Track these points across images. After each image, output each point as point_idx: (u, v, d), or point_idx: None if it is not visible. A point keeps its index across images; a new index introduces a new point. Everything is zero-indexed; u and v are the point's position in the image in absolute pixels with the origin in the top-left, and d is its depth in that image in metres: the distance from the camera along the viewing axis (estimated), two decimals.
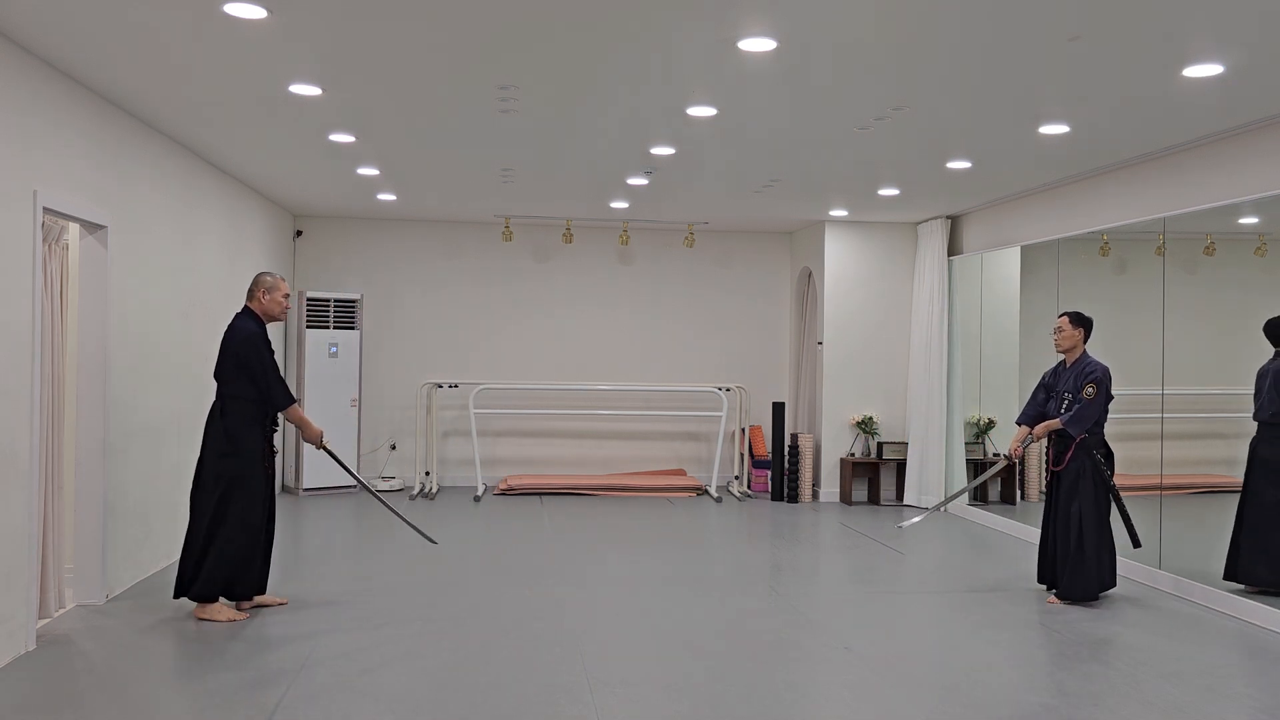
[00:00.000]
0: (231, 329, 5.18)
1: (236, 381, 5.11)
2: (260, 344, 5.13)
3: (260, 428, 5.19)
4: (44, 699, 4.00)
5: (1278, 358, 5.69)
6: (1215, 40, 4.08)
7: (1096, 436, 5.76)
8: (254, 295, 5.27)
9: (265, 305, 5.26)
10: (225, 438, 5.09)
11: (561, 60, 4.50)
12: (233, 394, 5.12)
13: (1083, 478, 5.71)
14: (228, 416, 5.11)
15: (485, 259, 10.18)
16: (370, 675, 4.31)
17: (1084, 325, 5.85)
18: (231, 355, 5.11)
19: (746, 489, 10.01)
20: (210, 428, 5.16)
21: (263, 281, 5.27)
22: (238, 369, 5.10)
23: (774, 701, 4.09)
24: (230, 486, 5.06)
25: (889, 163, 6.69)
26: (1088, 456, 5.71)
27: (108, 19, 4.06)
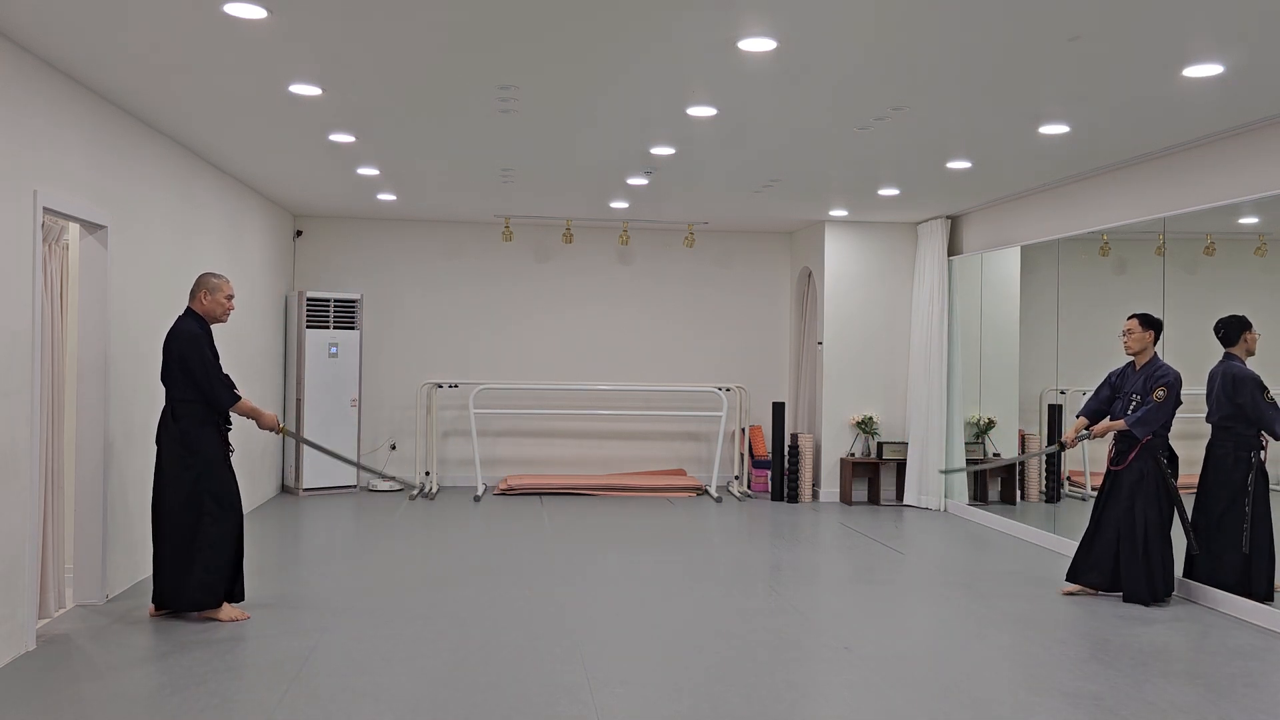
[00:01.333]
0: (173, 331, 5.08)
1: (185, 385, 5.03)
2: (202, 344, 5.04)
3: (215, 428, 5.11)
4: (44, 699, 4.00)
5: (1227, 359, 5.70)
6: (1215, 40, 4.08)
7: (1161, 439, 5.75)
8: (196, 296, 5.17)
9: (207, 306, 5.17)
10: (181, 444, 5.02)
11: (561, 60, 4.50)
12: (182, 397, 5.04)
13: (1145, 480, 5.70)
14: (180, 420, 5.03)
15: (485, 259, 10.18)
16: (370, 675, 4.31)
17: (1154, 328, 5.82)
18: (175, 358, 5.02)
19: (746, 489, 10.01)
20: (164, 435, 5.08)
21: (206, 282, 5.17)
22: (182, 371, 5.02)
23: (774, 701, 4.09)
24: (197, 493, 5.01)
25: (889, 163, 6.69)
26: (1152, 459, 5.70)
27: (108, 19, 4.06)
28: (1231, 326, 5.70)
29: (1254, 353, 5.66)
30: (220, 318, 5.24)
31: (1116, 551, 5.82)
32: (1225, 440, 5.64)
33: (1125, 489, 5.78)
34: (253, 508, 8.41)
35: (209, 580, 5.03)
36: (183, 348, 5.02)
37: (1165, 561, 5.70)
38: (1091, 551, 5.91)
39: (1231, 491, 5.58)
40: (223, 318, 5.26)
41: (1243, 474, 5.54)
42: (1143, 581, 5.68)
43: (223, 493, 5.09)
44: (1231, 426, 5.61)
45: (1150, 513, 5.68)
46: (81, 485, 5.33)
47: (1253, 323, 5.69)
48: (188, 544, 5.01)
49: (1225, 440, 5.64)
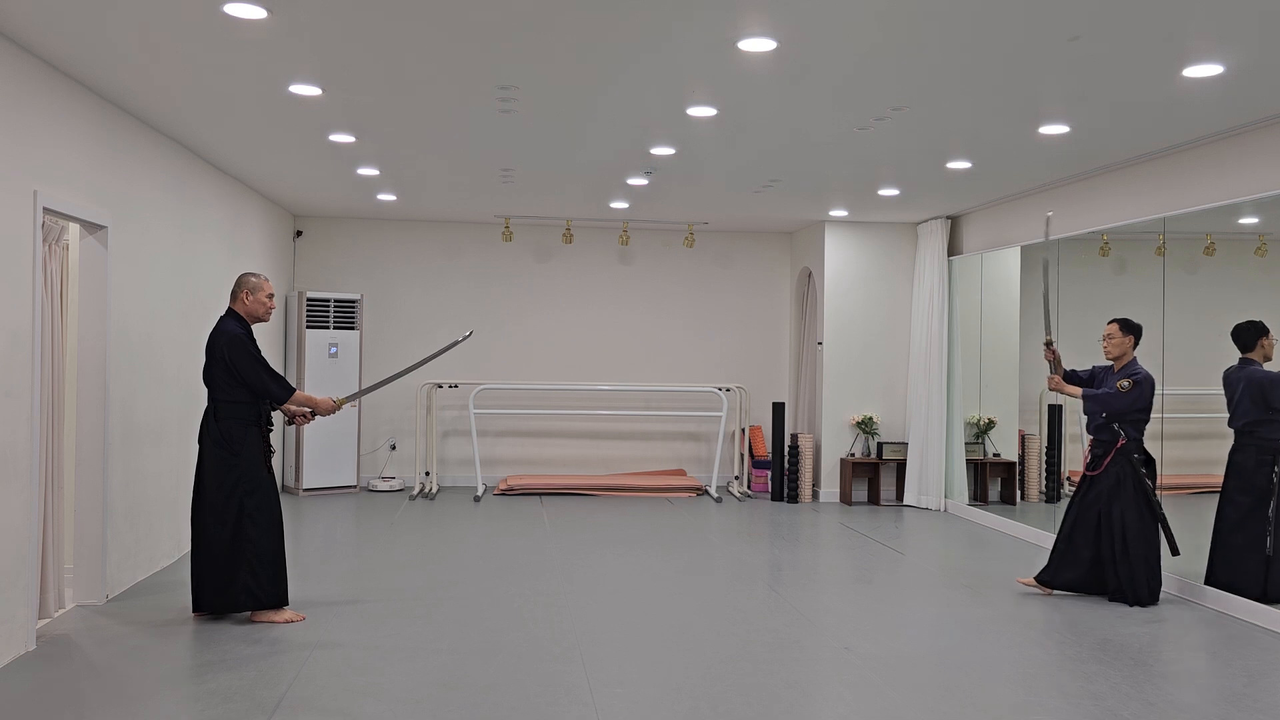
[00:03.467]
0: (216, 332, 5.08)
1: (228, 385, 5.03)
2: (248, 344, 5.06)
3: (257, 429, 5.13)
4: (44, 699, 4.00)
5: (1245, 365, 5.69)
6: (1215, 40, 4.08)
7: (1136, 442, 5.74)
8: (237, 296, 5.18)
9: (249, 306, 5.17)
10: (224, 445, 5.01)
11: (561, 60, 4.50)
12: (227, 398, 5.04)
13: (1123, 483, 5.71)
14: (223, 421, 5.03)
15: (485, 259, 10.18)
16: (370, 675, 4.31)
17: (1134, 333, 5.84)
18: (220, 359, 5.02)
19: (746, 489, 10.01)
20: (205, 436, 5.07)
21: (246, 282, 5.18)
22: (228, 373, 5.02)
23: (774, 701, 4.09)
24: (241, 493, 5.00)
25: (889, 163, 6.69)
26: (1127, 462, 5.71)
27: (107, 19, 4.06)
28: (1248, 332, 5.69)
29: (1270, 358, 5.65)
30: (262, 317, 5.23)
31: (1094, 555, 5.82)
32: (1248, 445, 5.63)
33: (1103, 494, 5.78)
34: None
35: (254, 582, 5.02)
36: (229, 350, 5.00)
37: (1150, 563, 5.69)
38: (1067, 553, 5.90)
39: (1254, 496, 5.57)
40: (264, 317, 5.25)
41: (1265, 478, 5.53)
42: (1128, 584, 5.68)
43: (264, 494, 5.08)
44: (1255, 430, 5.60)
45: (1130, 515, 5.68)
46: (81, 485, 5.33)
47: (1269, 327, 5.68)
48: (231, 546, 4.99)
49: (1248, 445, 5.63)
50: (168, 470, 6.33)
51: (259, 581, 5.03)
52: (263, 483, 5.08)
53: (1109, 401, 5.73)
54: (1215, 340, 5.92)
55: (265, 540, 5.05)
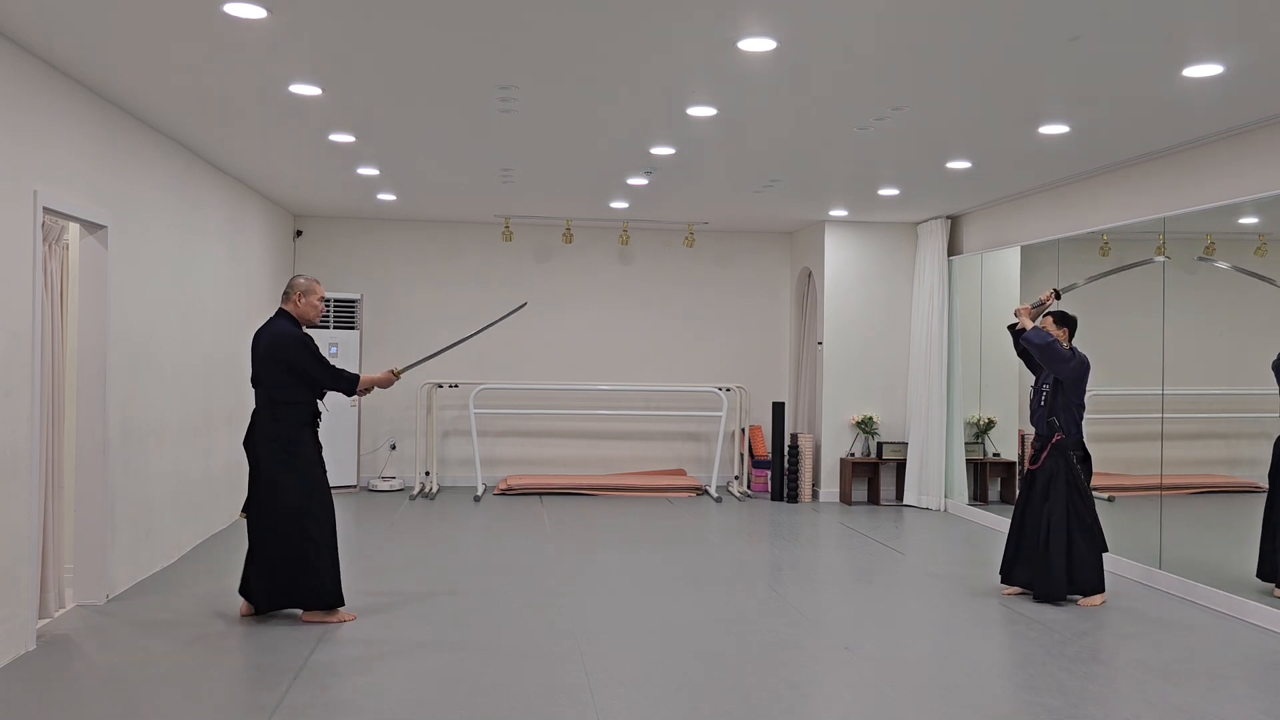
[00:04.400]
0: (273, 334, 5.06)
1: (285, 385, 5.02)
2: (310, 344, 5.07)
3: (312, 429, 5.13)
4: (44, 699, 3.99)
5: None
6: (1215, 40, 4.08)
7: (1073, 438, 5.77)
8: (289, 298, 5.18)
9: (301, 309, 5.17)
10: (283, 447, 5.00)
11: (561, 60, 4.50)
12: (284, 399, 5.03)
13: (1056, 479, 5.73)
14: (281, 422, 5.02)
15: (485, 259, 10.18)
16: (370, 675, 4.31)
17: (1068, 325, 5.89)
18: (278, 361, 5.01)
19: (746, 489, 10.01)
20: (259, 436, 5.04)
21: (297, 285, 5.18)
22: (288, 373, 5.01)
23: (774, 701, 4.09)
24: (301, 494, 5.00)
25: (889, 163, 6.69)
26: (1063, 458, 5.73)
27: (108, 19, 4.06)
28: None
29: None
30: (313, 320, 5.23)
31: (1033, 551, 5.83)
32: None
33: (1039, 489, 5.80)
34: None
35: (315, 581, 5.02)
36: (292, 353, 5.00)
37: (1072, 558, 5.67)
38: (1020, 552, 5.89)
39: None
40: (315, 320, 5.25)
41: None
42: (1043, 578, 5.67)
43: (321, 493, 5.09)
44: None
45: (1056, 511, 5.68)
46: (81, 485, 5.32)
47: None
48: (297, 546, 4.99)
49: None
50: (168, 470, 6.33)
51: (321, 580, 5.03)
52: (319, 482, 5.09)
53: (1047, 347, 5.72)
54: (1215, 340, 5.92)
55: (325, 540, 5.05)
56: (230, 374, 7.66)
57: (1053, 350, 5.73)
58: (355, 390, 5.19)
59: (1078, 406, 5.78)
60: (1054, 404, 5.80)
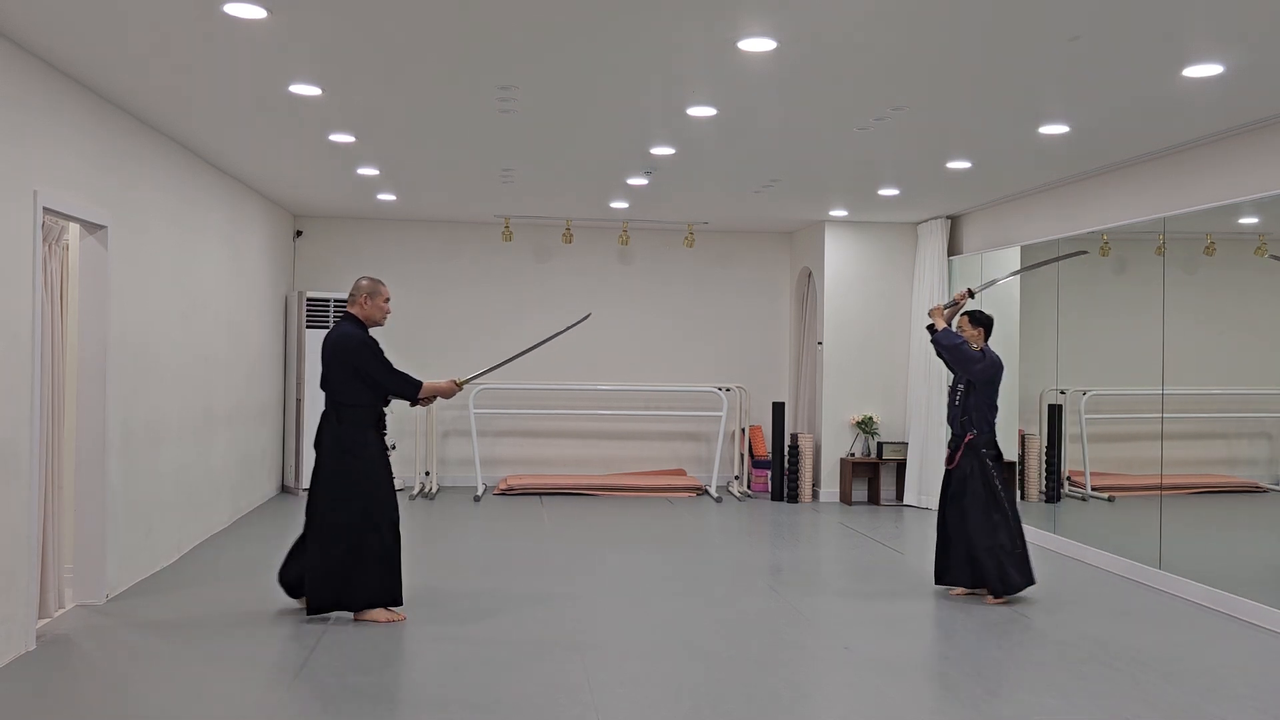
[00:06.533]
0: (341, 336, 5.09)
1: (351, 388, 5.05)
2: (376, 348, 5.09)
3: (376, 431, 5.15)
4: (44, 699, 4.00)
5: None
6: (1215, 40, 4.08)
7: (986, 437, 5.81)
8: (355, 300, 5.19)
9: (368, 310, 5.19)
10: (345, 448, 5.03)
11: (561, 60, 4.50)
12: (350, 402, 5.05)
13: (971, 478, 5.77)
14: (345, 425, 5.05)
15: (485, 259, 10.18)
16: (370, 675, 4.31)
17: (983, 324, 5.94)
18: (343, 364, 5.03)
19: (746, 489, 10.01)
20: (325, 438, 5.09)
21: (362, 287, 5.20)
22: (355, 376, 5.03)
23: (774, 701, 4.09)
24: (356, 494, 5.01)
25: (889, 163, 6.69)
26: (976, 457, 5.78)
27: (107, 19, 4.06)
28: None
29: None
30: (379, 321, 5.25)
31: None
32: None
33: (954, 488, 5.85)
34: (252, 508, 8.41)
35: (371, 580, 5.03)
36: (359, 357, 5.03)
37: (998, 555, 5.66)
38: (948, 552, 5.90)
39: None
40: (381, 321, 5.27)
41: None
42: (982, 574, 5.68)
43: (381, 495, 5.08)
44: None
45: (973, 509, 5.70)
46: (81, 485, 5.32)
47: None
48: (351, 547, 4.99)
49: None
50: (168, 470, 6.33)
51: (372, 580, 5.04)
52: (381, 484, 5.10)
53: (955, 347, 5.78)
54: (1215, 340, 5.92)
55: (381, 541, 5.05)
56: (230, 374, 7.66)
57: (960, 351, 5.79)
58: (418, 396, 5.21)
59: (989, 407, 5.84)
60: (967, 404, 5.86)
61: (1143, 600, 5.88)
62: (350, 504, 5.01)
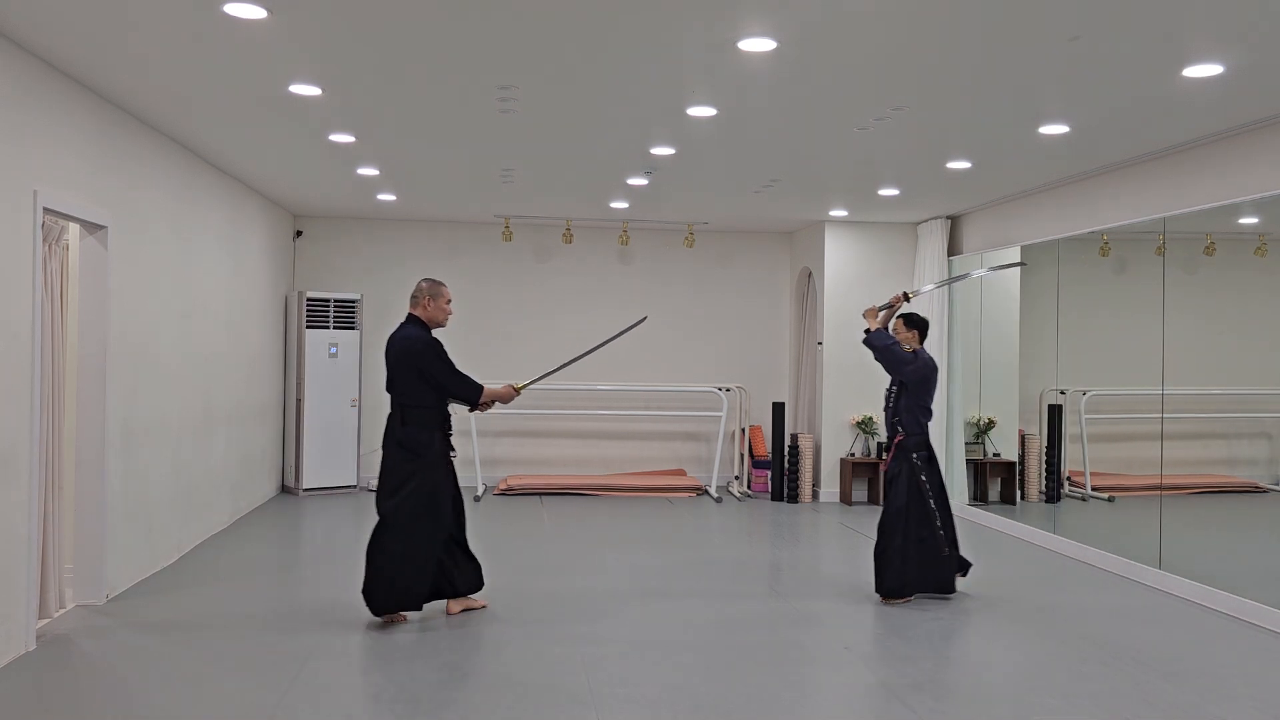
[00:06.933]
0: (405, 339, 5.13)
1: (416, 390, 5.08)
2: (442, 350, 5.12)
3: (441, 432, 5.18)
4: (44, 699, 4.00)
5: None
6: (1215, 40, 4.08)
7: (916, 439, 5.80)
8: (418, 302, 5.22)
9: (430, 312, 5.23)
10: (409, 449, 5.06)
11: (561, 60, 4.50)
12: (415, 403, 5.09)
13: (899, 479, 5.76)
14: (409, 426, 5.08)
15: (485, 259, 10.18)
16: (370, 675, 4.31)
17: (917, 327, 5.97)
18: (409, 366, 5.07)
19: (746, 489, 10.01)
20: (390, 441, 5.13)
21: (424, 289, 5.23)
22: (420, 379, 5.07)
23: (774, 702, 4.09)
24: (415, 495, 5.03)
25: (889, 163, 6.69)
26: (906, 459, 5.77)
27: (108, 19, 4.06)
28: None
29: None
30: (442, 323, 5.28)
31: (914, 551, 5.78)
32: None
33: (888, 488, 5.84)
34: (252, 508, 8.41)
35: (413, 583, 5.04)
36: (423, 359, 5.07)
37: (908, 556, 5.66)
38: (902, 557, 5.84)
39: None
40: (444, 323, 5.29)
41: None
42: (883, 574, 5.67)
43: (440, 496, 5.11)
44: None
45: (896, 510, 5.68)
46: (81, 485, 5.32)
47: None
48: (401, 546, 5.01)
49: None
50: (167, 470, 6.33)
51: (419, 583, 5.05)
52: (439, 486, 5.11)
53: (889, 347, 5.80)
54: (1215, 340, 5.92)
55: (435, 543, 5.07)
56: (230, 373, 7.66)
57: (892, 353, 5.81)
58: (478, 401, 5.23)
59: (921, 409, 5.83)
60: (898, 405, 5.86)
61: (1143, 600, 5.88)
62: (408, 505, 5.02)
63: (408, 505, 5.03)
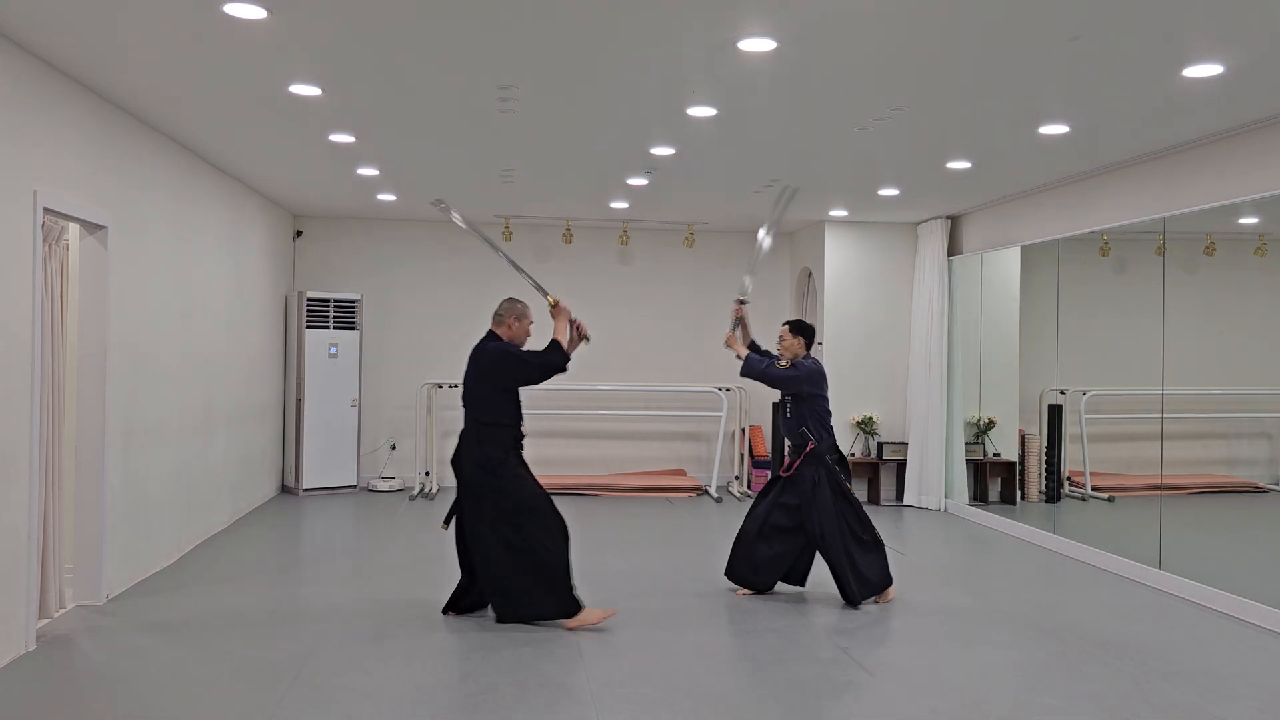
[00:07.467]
0: (488, 354, 5.12)
1: (494, 406, 5.05)
2: (512, 349, 5.16)
3: (516, 451, 5.12)
4: (44, 699, 4.00)
5: None
6: (1215, 40, 4.08)
7: (827, 444, 5.73)
8: (504, 321, 5.22)
9: (515, 333, 5.24)
10: (488, 469, 4.98)
11: (561, 60, 4.50)
12: (490, 420, 5.06)
13: (819, 486, 5.63)
14: (485, 444, 5.02)
15: (485, 259, 10.15)
16: (370, 675, 4.31)
17: (803, 334, 5.90)
18: (494, 380, 5.06)
19: (746, 489, 10.01)
20: (466, 459, 5.05)
21: (515, 309, 5.24)
22: (507, 393, 5.07)
23: (774, 701, 4.09)
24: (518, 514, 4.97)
25: (889, 163, 6.69)
26: (820, 465, 5.66)
27: (107, 19, 4.06)
28: None
29: None
30: (523, 343, 5.29)
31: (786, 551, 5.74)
32: None
33: (798, 497, 5.68)
34: (252, 508, 8.41)
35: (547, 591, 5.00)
36: (509, 370, 5.07)
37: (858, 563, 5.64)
38: (755, 552, 5.77)
39: None
40: (524, 343, 5.31)
41: None
42: (852, 585, 5.61)
43: (543, 508, 5.05)
44: None
45: (827, 520, 5.59)
46: (81, 485, 5.32)
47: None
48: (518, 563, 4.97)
49: None
50: (167, 470, 6.33)
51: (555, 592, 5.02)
52: (538, 498, 5.06)
53: (759, 371, 5.72)
54: (1215, 340, 5.93)
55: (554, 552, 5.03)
56: (230, 373, 7.66)
57: (769, 375, 5.72)
58: (567, 361, 5.20)
59: (823, 411, 5.75)
60: (801, 414, 5.75)
61: (1143, 600, 5.88)
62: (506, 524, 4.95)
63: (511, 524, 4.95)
